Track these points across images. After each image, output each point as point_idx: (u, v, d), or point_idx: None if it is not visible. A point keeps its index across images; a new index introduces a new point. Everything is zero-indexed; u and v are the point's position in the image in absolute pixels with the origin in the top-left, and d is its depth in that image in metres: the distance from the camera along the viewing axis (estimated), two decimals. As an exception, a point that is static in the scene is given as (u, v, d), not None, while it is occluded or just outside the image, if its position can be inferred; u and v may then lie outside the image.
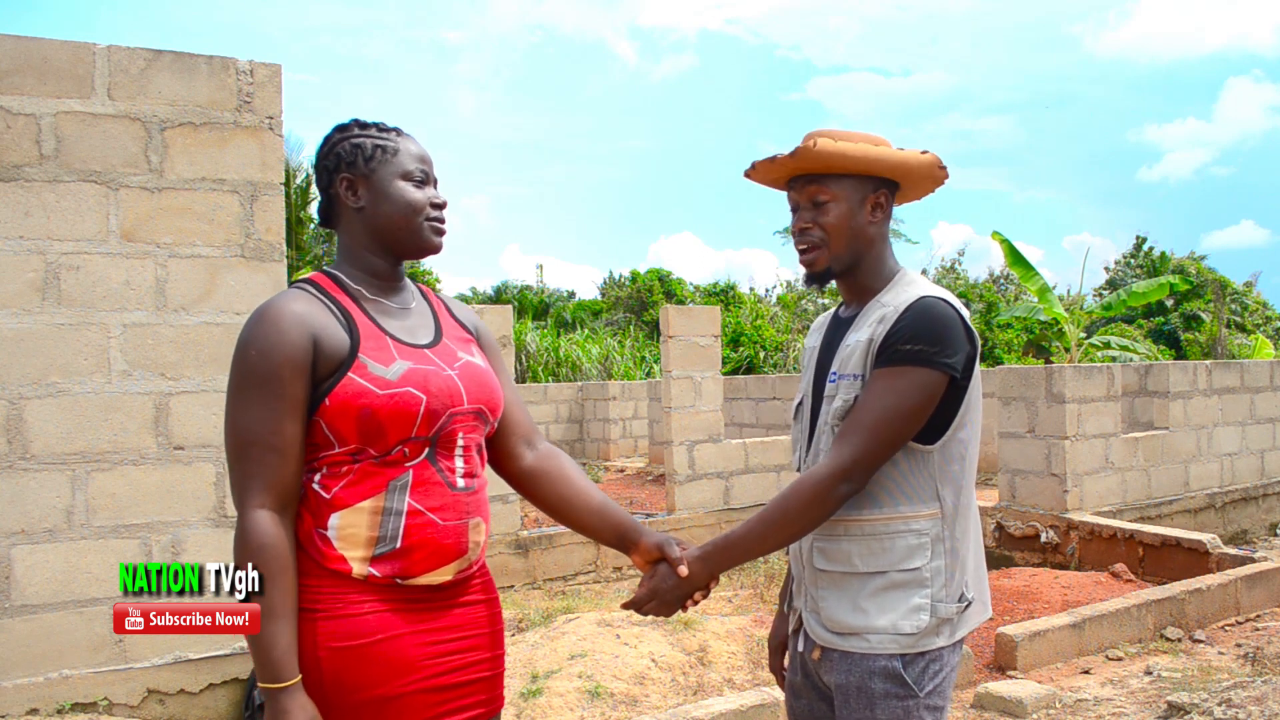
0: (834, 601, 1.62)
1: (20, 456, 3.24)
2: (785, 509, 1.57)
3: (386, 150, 1.54)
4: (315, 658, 1.40)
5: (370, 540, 1.44)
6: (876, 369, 1.56)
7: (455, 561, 1.50)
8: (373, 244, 1.56)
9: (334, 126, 1.59)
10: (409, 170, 1.55)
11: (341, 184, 1.55)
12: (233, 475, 1.43)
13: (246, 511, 1.40)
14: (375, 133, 1.57)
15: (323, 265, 1.70)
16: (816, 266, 1.66)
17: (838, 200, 1.64)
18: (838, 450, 1.56)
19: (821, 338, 1.78)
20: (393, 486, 1.45)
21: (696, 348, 7.59)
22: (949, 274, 25.51)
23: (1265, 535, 8.30)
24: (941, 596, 1.59)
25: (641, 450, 14.81)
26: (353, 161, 1.53)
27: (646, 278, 25.43)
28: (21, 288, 3.26)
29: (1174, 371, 7.87)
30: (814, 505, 1.55)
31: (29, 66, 3.28)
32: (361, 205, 1.54)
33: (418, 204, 1.54)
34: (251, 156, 3.60)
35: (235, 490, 1.42)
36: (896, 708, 1.56)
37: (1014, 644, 4.23)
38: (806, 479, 1.57)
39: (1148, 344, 19.02)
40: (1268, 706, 3.15)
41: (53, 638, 3.27)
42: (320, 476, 1.46)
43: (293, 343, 1.41)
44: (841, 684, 1.61)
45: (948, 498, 1.60)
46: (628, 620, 4.34)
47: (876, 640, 1.57)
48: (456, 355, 1.57)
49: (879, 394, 1.55)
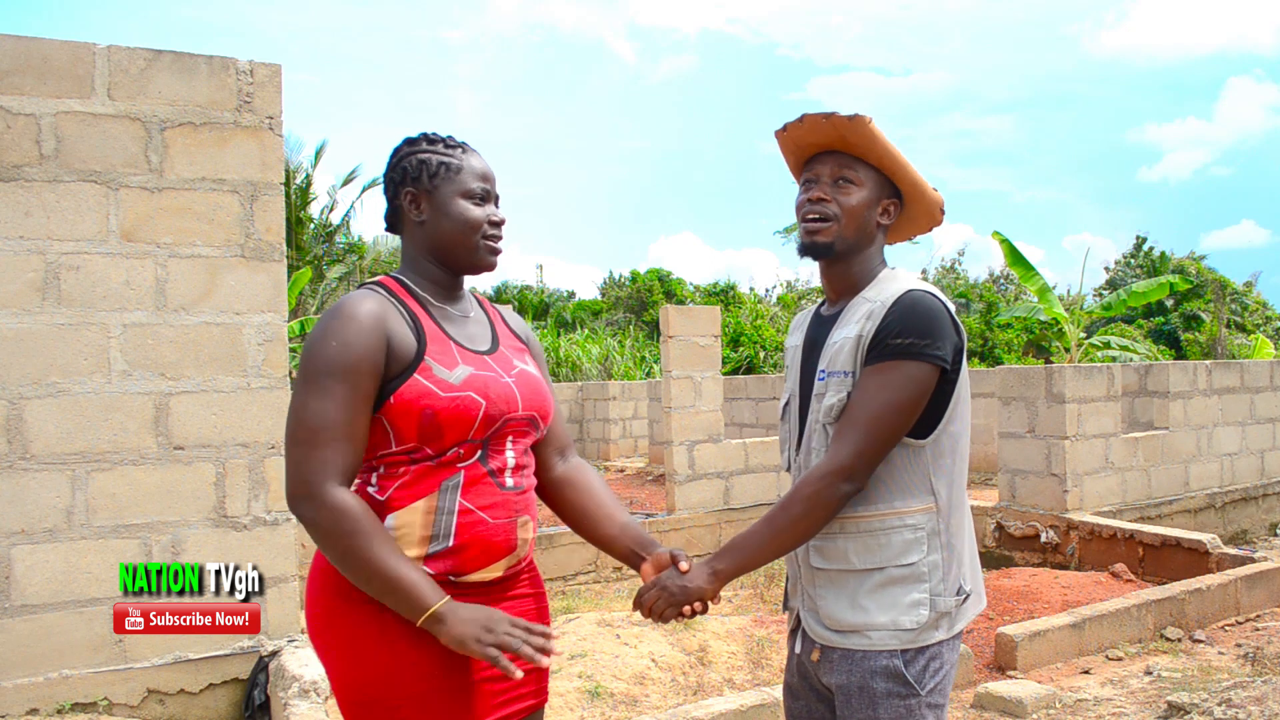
0: (832, 600, 1.62)
1: (20, 456, 3.24)
2: (790, 513, 1.57)
3: (450, 168, 1.60)
4: (380, 643, 1.46)
5: (424, 539, 1.48)
6: (868, 365, 1.56)
7: (505, 558, 1.56)
8: (433, 256, 1.62)
9: (403, 139, 1.65)
10: (470, 189, 1.60)
11: (406, 197, 1.61)
12: (299, 459, 1.43)
13: (323, 489, 1.41)
14: (442, 149, 1.62)
15: (390, 270, 1.75)
16: (822, 236, 1.65)
17: (862, 187, 1.66)
18: (836, 449, 1.56)
19: (804, 336, 1.77)
20: (445, 486, 1.50)
21: (696, 348, 7.59)
22: (949, 274, 25.52)
23: (1265, 535, 8.30)
24: (940, 590, 1.59)
25: (641, 450, 14.81)
26: (417, 177, 1.59)
27: (646, 278, 25.44)
28: (21, 288, 3.26)
29: (1174, 371, 7.87)
30: (817, 507, 1.55)
31: (29, 66, 3.27)
32: (423, 220, 1.60)
33: (476, 222, 1.60)
34: (251, 156, 3.60)
35: (300, 474, 1.42)
36: (899, 707, 1.56)
37: (1014, 644, 4.23)
38: (807, 481, 1.57)
39: (1148, 344, 19.02)
40: (1268, 706, 3.15)
41: (53, 638, 3.27)
42: (377, 476, 1.51)
43: (371, 340, 1.46)
44: (842, 684, 1.60)
45: (941, 492, 1.60)
46: (628, 620, 4.34)
47: (878, 637, 1.57)
48: (513, 363, 1.63)
49: (873, 390, 1.55)
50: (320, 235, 20.57)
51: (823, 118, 1.63)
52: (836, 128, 1.62)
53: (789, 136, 1.69)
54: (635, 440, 15.06)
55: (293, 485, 1.43)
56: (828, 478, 1.54)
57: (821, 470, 1.56)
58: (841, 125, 1.62)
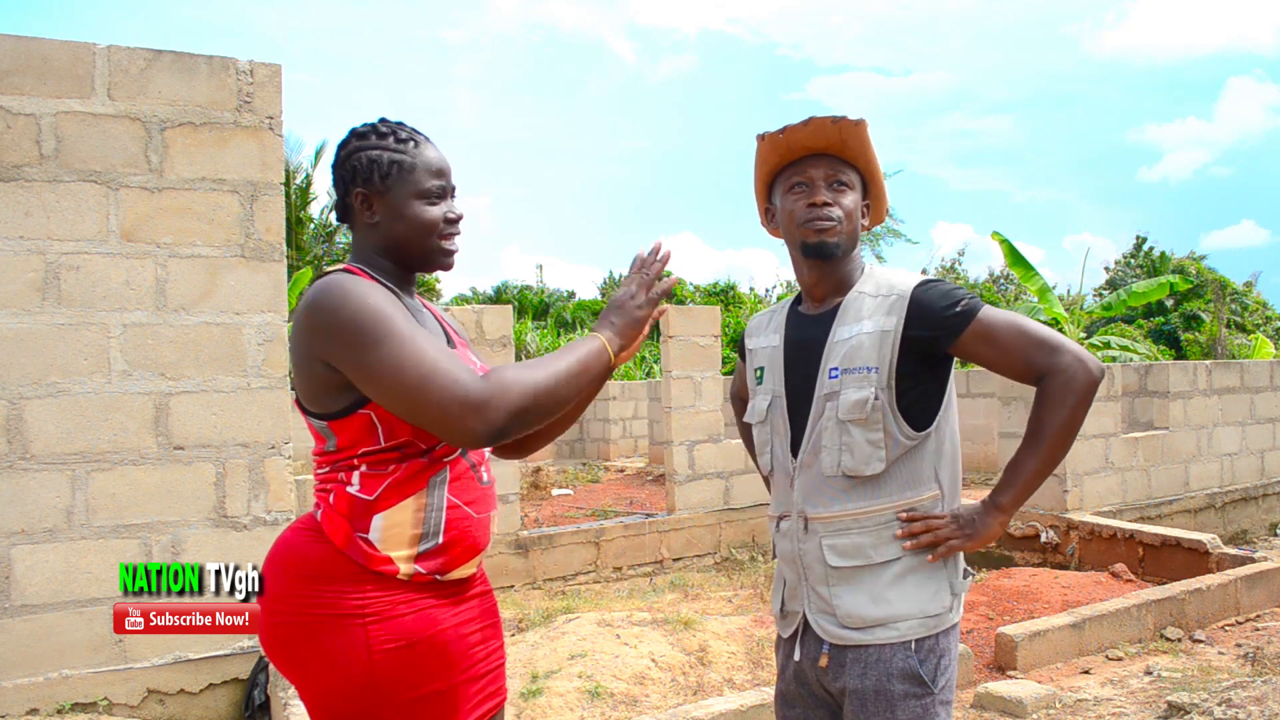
0: (850, 597, 1.60)
1: (20, 456, 3.24)
2: (1074, 416, 1.56)
3: (403, 166, 1.51)
4: (370, 661, 1.40)
5: (415, 538, 1.43)
6: (970, 329, 1.57)
7: (480, 555, 1.54)
8: (387, 255, 1.55)
9: (350, 131, 1.55)
10: (425, 188, 1.52)
11: (357, 198, 1.52)
12: (436, 392, 1.30)
13: (477, 389, 1.30)
14: (393, 144, 1.52)
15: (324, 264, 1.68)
16: (831, 236, 1.65)
17: (853, 189, 1.69)
18: (1056, 358, 1.56)
19: (783, 336, 1.75)
20: (433, 482, 1.45)
21: (696, 348, 7.59)
22: (949, 274, 25.52)
23: (1265, 535, 8.30)
24: (954, 573, 1.63)
25: (641, 450, 14.81)
26: (368, 177, 1.50)
27: (646, 278, 25.39)
28: (21, 288, 3.26)
29: (1174, 371, 7.86)
30: (1090, 396, 1.56)
31: (29, 66, 3.27)
32: (376, 221, 1.52)
33: (431, 224, 1.52)
34: (251, 156, 3.60)
35: (441, 416, 1.31)
36: (915, 707, 1.56)
37: (1014, 644, 4.23)
38: (1075, 379, 1.55)
39: (1148, 344, 19.01)
40: (1268, 706, 3.15)
41: (53, 638, 3.27)
42: (359, 476, 1.43)
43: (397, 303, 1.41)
44: (857, 688, 1.58)
45: (944, 478, 1.63)
46: (628, 620, 4.34)
47: (905, 627, 1.57)
48: (471, 358, 1.59)
49: (1007, 326, 1.58)
50: (320, 235, 20.57)
51: (830, 121, 1.62)
52: (841, 131, 1.63)
53: (783, 140, 1.67)
54: (635, 440, 15.06)
55: (457, 418, 1.30)
56: (1086, 365, 1.55)
57: (1071, 367, 1.55)
58: (847, 129, 1.62)
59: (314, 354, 1.40)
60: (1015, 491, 1.61)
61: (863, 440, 1.58)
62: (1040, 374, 1.56)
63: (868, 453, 1.58)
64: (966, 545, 1.60)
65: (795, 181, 1.68)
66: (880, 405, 1.58)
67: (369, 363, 1.33)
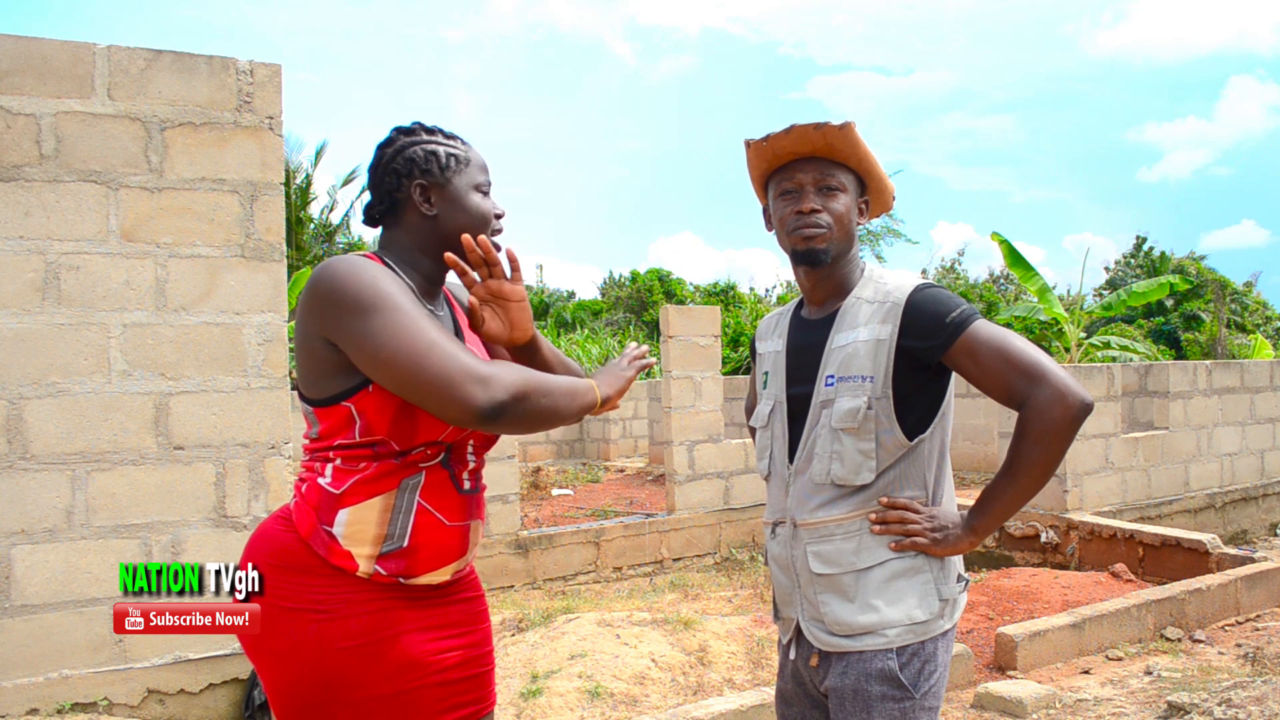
0: (838, 605, 1.59)
1: (20, 456, 3.24)
2: (1049, 452, 1.51)
3: (460, 160, 1.54)
4: (322, 658, 1.39)
5: (378, 538, 1.42)
6: (957, 344, 1.53)
7: (455, 562, 1.51)
8: (434, 251, 1.54)
9: (394, 129, 1.56)
10: (480, 181, 1.56)
11: (415, 189, 1.52)
12: (439, 360, 1.31)
13: (480, 369, 1.33)
14: (444, 140, 1.55)
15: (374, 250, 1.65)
16: (820, 243, 1.63)
17: (845, 192, 1.66)
18: (1037, 390, 1.50)
19: (785, 341, 1.75)
20: (405, 485, 1.44)
21: (696, 348, 7.59)
22: (949, 274, 25.51)
23: (1265, 535, 8.30)
24: (941, 578, 1.60)
25: (641, 450, 14.81)
26: (428, 169, 1.51)
27: (646, 278, 25.44)
28: (21, 288, 3.26)
29: (1174, 371, 7.86)
30: (1071, 432, 1.51)
31: (29, 66, 3.27)
32: (435, 213, 1.52)
33: (488, 215, 1.56)
34: (251, 156, 3.59)
35: (443, 383, 1.31)
36: (894, 709, 1.55)
37: (1014, 644, 4.23)
38: (1049, 414, 1.49)
39: (1148, 344, 19.00)
40: (1268, 706, 3.15)
41: (53, 638, 3.27)
42: (332, 469, 1.43)
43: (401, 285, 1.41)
44: (837, 687, 1.59)
45: (930, 480, 1.62)
46: (628, 620, 4.34)
47: (894, 634, 1.56)
48: (481, 350, 1.59)
49: (991, 348, 1.53)
50: (320, 235, 20.59)
51: (813, 128, 1.61)
52: (826, 136, 1.61)
53: (768, 147, 1.66)
54: (635, 440, 15.06)
55: (460, 385, 1.30)
56: (1069, 399, 1.49)
57: (1054, 397, 1.49)
58: (831, 134, 1.60)
59: (314, 330, 1.40)
60: (988, 519, 1.59)
61: (854, 449, 1.58)
62: (1020, 403, 1.53)
63: (858, 462, 1.58)
64: (932, 549, 1.58)
65: (784, 188, 1.67)
66: (873, 415, 1.56)
67: (370, 330, 1.32)
